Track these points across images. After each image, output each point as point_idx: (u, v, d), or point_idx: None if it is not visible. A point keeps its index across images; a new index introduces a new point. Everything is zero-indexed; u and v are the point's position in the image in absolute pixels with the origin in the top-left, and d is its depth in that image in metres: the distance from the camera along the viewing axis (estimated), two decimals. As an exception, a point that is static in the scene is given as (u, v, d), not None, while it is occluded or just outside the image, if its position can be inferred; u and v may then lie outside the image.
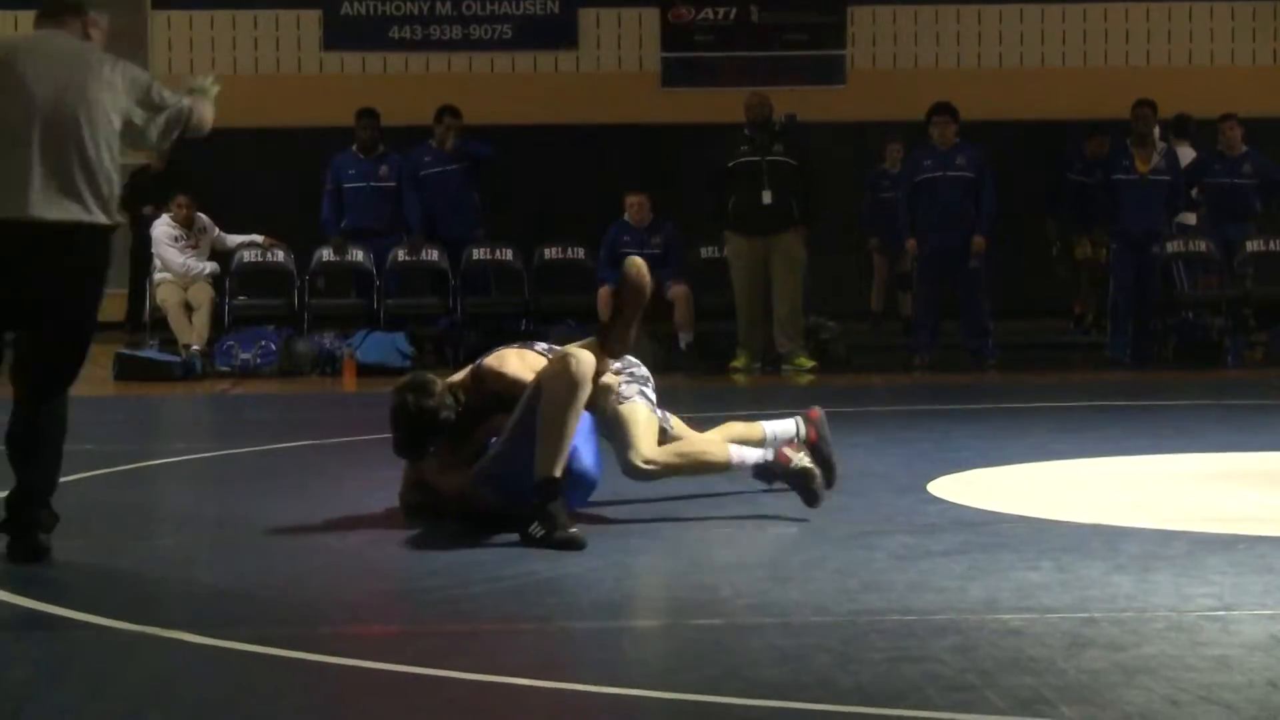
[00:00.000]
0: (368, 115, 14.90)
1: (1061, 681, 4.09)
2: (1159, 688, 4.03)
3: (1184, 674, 4.14)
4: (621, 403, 6.49)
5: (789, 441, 6.80)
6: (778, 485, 6.50)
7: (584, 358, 6.13)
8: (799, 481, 6.37)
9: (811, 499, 6.35)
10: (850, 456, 8.07)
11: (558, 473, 5.98)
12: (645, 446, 6.44)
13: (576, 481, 6.26)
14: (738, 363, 13.73)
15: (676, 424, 6.77)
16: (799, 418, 6.98)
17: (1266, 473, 7.80)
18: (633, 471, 6.45)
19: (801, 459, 6.39)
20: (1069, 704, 3.91)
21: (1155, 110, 14.47)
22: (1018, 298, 16.19)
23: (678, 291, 14.12)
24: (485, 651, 4.60)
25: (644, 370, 6.74)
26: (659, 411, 6.69)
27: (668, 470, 6.49)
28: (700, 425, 6.96)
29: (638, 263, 6.49)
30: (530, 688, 4.18)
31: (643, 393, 6.58)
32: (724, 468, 6.52)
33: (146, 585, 5.48)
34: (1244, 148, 14.87)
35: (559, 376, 6.07)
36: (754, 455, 6.47)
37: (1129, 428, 9.56)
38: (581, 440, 6.25)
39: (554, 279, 15.05)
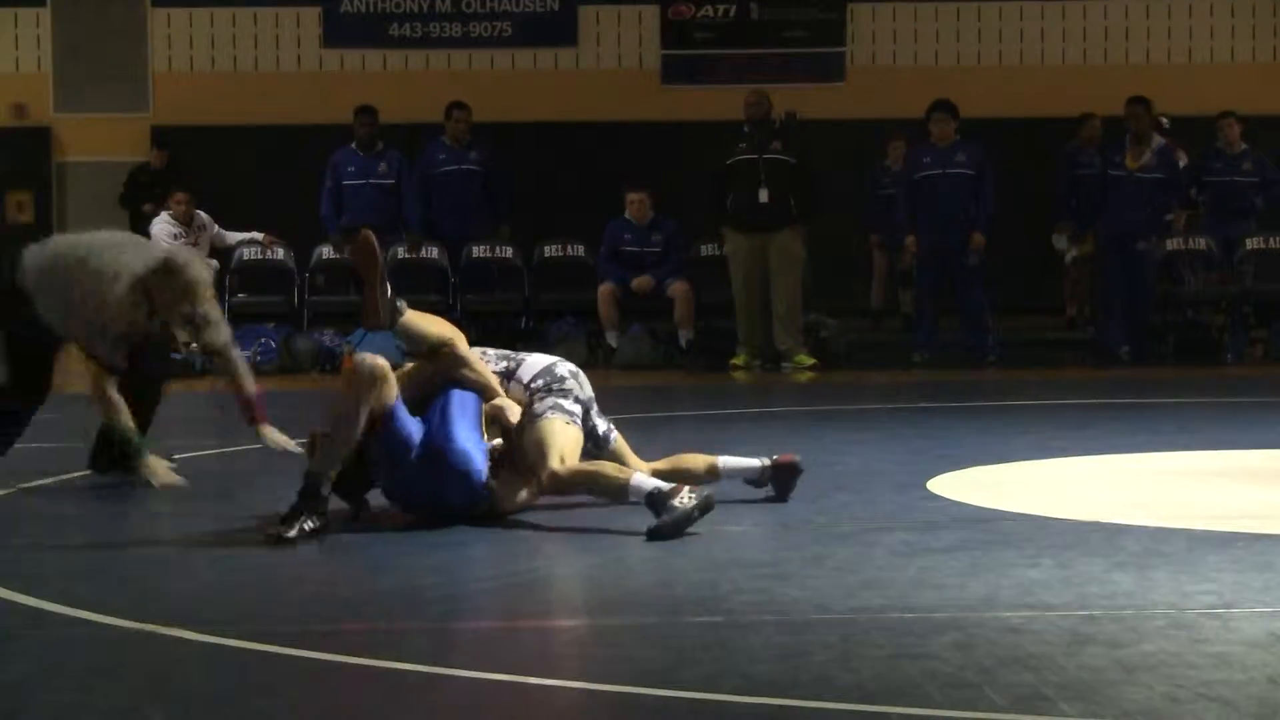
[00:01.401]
0: (366, 113, 14.89)
1: (1061, 679, 4.09)
2: (1159, 685, 4.03)
3: (1184, 671, 4.14)
4: (533, 420, 6.35)
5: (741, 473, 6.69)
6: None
7: (364, 363, 6.21)
8: (674, 519, 5.95)
9: (657, 534, 5.93)
10: (850, 454, 8.08)
11: (323, 472, 6.03)
12: (554, 459, 6.26)
13: (457, 475, 6.16)
14: (738, 360, 13.73)
15: (619, 442, 6.61)
16: (765, 462, 6.73)
17: (1266, 470, 7.80)
18: (545, 483, 6.31)
19: (689, 500, 5.99)
20: (1069, 701, 3.91)
21: (1149, 108, 14.42)
22: (1017, 295, 16.18)
23: (678, 289, 14.13)
24: (484, 649, 4.60)
25: (571, 383, 6.50)
26: (602, 422, 6.57)
27: (573, 484, 6.28)
28: (696, 423, 6.95)
29: (364, 233, 6.53)
30: (530, 685, 4.18)
31: (558, 406, 6.39)
32: (619, 491, 6.13)
33: (145, 582, 5.47)
34: (1243, 145, 14.88)
35: (343, 384, 6.22)
36: (649, 484, 6.09)
37: (1129, 425, 9.56)
38: (466, 431, 6.19)
39: (554, 276, 15.05)
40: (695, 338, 14.23)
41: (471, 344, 6.63)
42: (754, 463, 6.75)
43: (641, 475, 6.22)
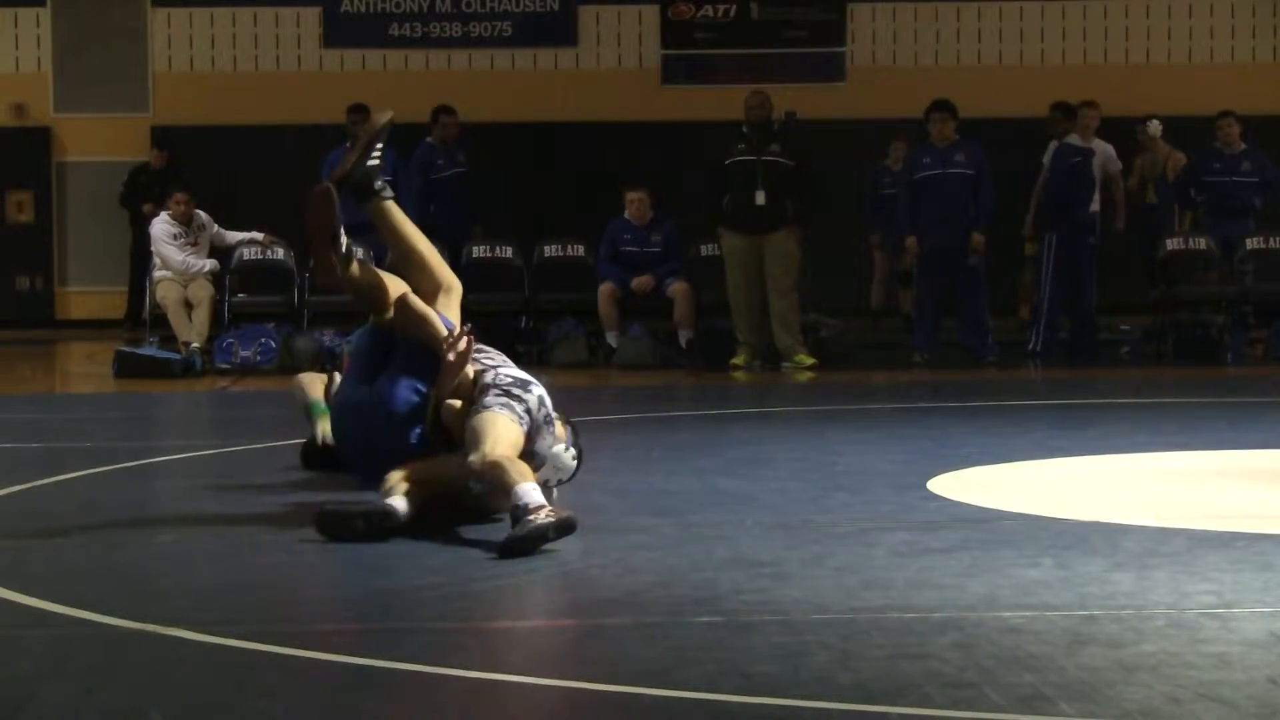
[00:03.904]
0: (359, 111, 14.87)
1: (1061, 679, 4.09)
2: (1159, 685, 4.03)
3: (1184, 671, 4.14)
4: (478, 410, 6.21)
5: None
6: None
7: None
8: (526, 534, 5.69)
9: (506, 550, 5.69)
10: (850, 454, 8.08)
11: None
12: (487, 446, 6.04)
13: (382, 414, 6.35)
14: (738, 360, 13.73)
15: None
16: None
17: (1266, 470, 7.80)
18: (470, 468, 6.09)
19: (545, 518, 5.71)
20: (1069, 701, 3.91)
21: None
22: (1016, 294, 16.19)
23: (678, 289, 14.13)
24: (485, 649, 4.60)
25: (532, 400, 6.30)
26: (550, 419, 6.33)
27: (487, 473, 6.02)
28: (696, 423, 6.95)
29: (325, 185, 6.75)
30: (530, 685, 4.18)
31: (509, 405, 6.21)
32: (509, 490, 5.88)
33: (146, 582, 5.47)
34: (1243, 145, 14.89)
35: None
36: (525, 498, 5.82)
37: (1129, 425, 9.56)
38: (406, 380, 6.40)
39: (554, 276, 15.06)
40: (695, 338, 14.24)
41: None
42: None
43: (529, 486, 5.88)
